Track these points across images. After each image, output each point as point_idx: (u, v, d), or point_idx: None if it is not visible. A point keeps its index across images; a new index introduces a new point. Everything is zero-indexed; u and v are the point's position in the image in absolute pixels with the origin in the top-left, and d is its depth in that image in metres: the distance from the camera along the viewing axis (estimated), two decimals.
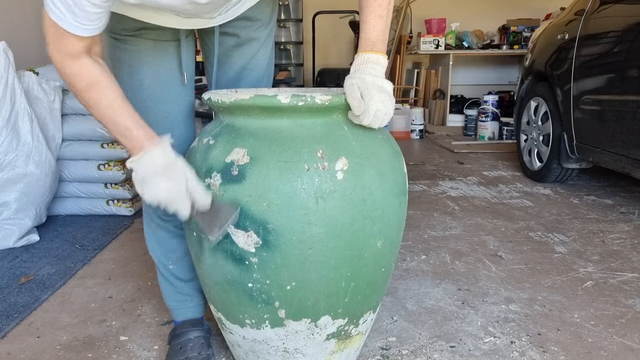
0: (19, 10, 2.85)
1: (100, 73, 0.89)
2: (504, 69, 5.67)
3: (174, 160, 0.91)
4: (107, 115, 0.90)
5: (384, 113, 0.88)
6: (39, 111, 2.19)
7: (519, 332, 1.37)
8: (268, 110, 0.91)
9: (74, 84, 0.88)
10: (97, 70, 0.88)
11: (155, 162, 0.89)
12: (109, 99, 0.89)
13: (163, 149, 0.90)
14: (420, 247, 2.00)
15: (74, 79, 0.88)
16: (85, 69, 0.87)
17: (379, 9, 0.91)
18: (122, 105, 0.90)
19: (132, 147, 0.91)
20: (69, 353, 1.30)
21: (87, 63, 0.87)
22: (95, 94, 0.89)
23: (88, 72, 0.87)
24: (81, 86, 0.88)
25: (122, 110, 0.90)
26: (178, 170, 0.90)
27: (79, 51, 0.85)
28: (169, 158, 0.90)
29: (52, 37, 0.84)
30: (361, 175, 0.91)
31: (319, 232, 0.89)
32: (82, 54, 0.86)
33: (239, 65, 1.16)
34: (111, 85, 0.90)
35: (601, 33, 2.49)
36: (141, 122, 0.92)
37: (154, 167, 0.89)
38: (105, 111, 0.90)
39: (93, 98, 0.89)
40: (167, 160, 0.90)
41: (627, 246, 1.97)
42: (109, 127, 0.92)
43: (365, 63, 0.89)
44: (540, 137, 2.99)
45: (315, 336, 1.01)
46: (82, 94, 0.89)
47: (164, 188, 0.88)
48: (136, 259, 1.91)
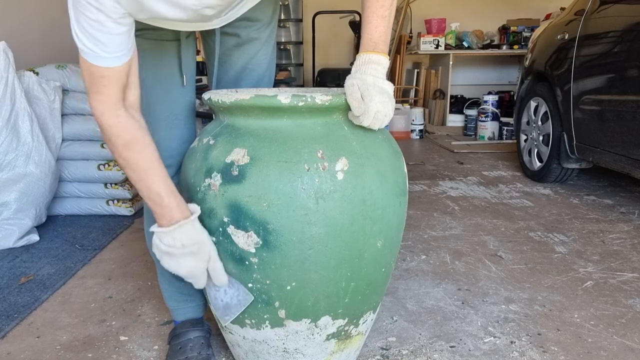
0: (19, 10, 2.85)
1: (138, 130, 0.89)
2: (504, 69, 5.67)
3: (202, 238, 0.92)
4: (143, 178, 0.90)
5: (384, 114, 0.88)
6: (39, 111, 2.19)
7: (519, 332, 1.37)
8: (268, 110, 0.91)
9: (112, 140, 0.88)
10: (135, 127, 0.89)
11: (185, 240, 0.90)
12: (147, 160, 0.90)
13: (193, 224, 0.91)
14: (420, 247, 2.00)
15: (113, 135, 0.87)
16: (123, 124, 0.87)
17: (382, 9, 0.91)
18: (159, 169, 0.91)
19: (162, 216, 0.91)
20: (69, 353, 1.30)
21: (125, 117, 0.87)
22: (135, 154, 0.89)
23: (127, 128, 0.88)
24: (119, 144, 0.88)
25: (158, 174, 0.90)
26: (204, 250, 0.92)
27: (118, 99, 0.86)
28: (197, 236, 0.91)
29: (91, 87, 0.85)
30: (361, 175, 0.91)
31: (319, 233, 0.89)
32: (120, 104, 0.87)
33: (239, 65, 1.16)
34: (149, 144, 0.90)
35: (601, 33, 2.49)
36: (173, 188, 0.92)
37: (182, 243, 0.90)
38: (142, 174, 0.90)
39: (132, 159, 0.89)
40: (196, 237, 0.91)
41: (627, 246, 1.97)
42: (141, 189, 0.91)
43: (366, 63, 0.89)
44: (540, 137, 2.99)
45: (315, 336, 1.01)
46: (120, 153, 0.89)
47: (188, 266, 0.92)
48: (136, 259, 1.91)
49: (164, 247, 0.91)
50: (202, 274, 0.94)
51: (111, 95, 0.85)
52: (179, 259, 0.92)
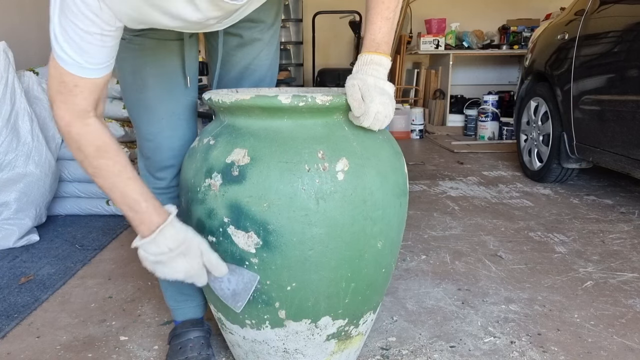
0: (19, 10, 2.85)
1: (109, 136, 0.85)
2: (504, 69, 5.67)
3: (187, 236, 0.89)
4: (117, 184, 0.86)
5: (384, 115, 0.88)
6: (39, 111, 2.19)
7: (519, 332, 1.37)
8: (269, 110, 0.91)
9: (82, 149, 0.83)
10: (106, 133, 0.85)
11: (170, 242, 0.87)
12: (120, 165, 0.86)
13: (173, 225, 0.88)
14: (420, 247, 2.00)
15: (83, 143, 0.83)
16: (94, 131, 0.83)
17: (386, 11, 0.91)
18: (132, 172, 0.87)
19: (140, 223, 0.87)
20: (69, 353, 1.30)
21: (96, 124, 0.83)
22: (107, 160, 0.84)
23: (98, 135, 0.84)
24: (90, 151, 0.84)
25: (132, 180, 0.87)
26: (193, 246, 0.89)
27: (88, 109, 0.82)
28: (181, 234, 0.88)
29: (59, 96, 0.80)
30: (362, 176, 0.91)
31: (319, 233, 0.89)
32: (90, 114, 0.82)
33: (241, 65, 1.16)
34: (120, 151, 0.87)
35: (601, 33, 2.49)
36: (148, 191, 0.89)
37: (168, 248, 0.87)
38: (115, 179, 0.86)
39: (104, 165, 0.85)
40: (180, 237, 0.88)
41: (627, 246, 1.97)
42: (115, 197, 0.87)
43: (367, 64, 0.89)
44: (540, 137, 2.99)
45: (315, 337, 1.01)
46: (91, 161, 0.84)
47: (182, 267, 0.88)
48: (136, 259, 1.89)
49: (152, 257, 0.88)
50: (200, 271, 0.91)
51: (82, 105, 0.81)
52: (171, 264, 0.88)
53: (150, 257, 0.89)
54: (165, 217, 0.88)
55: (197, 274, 0.91)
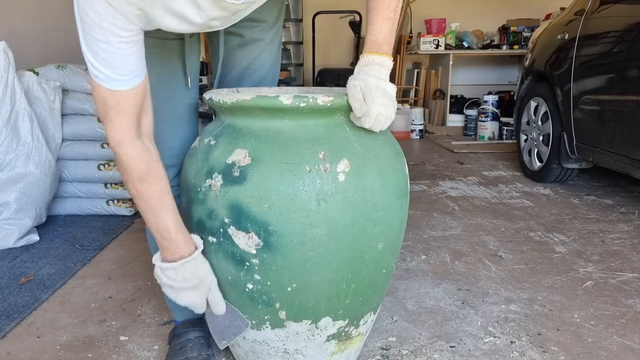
0: (19, 10, 2.85)
1: (153, 161, 0.90)
2: (504, 69, 5.67)
3: (202, 273, 0.95)
4: (154, 210, 0.91)
5: (386, 117, 0.87)
6: (39, 111, 2.18)
7: (519, 332, 1.37)
8: (270, 111, 0.91)
9: (128, 171, 0.88)
10: (150, 159, 0.89)
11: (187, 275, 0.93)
12: (160, 193, 0.90)
13: (196, 260, 0.93)
14: (420, 247, 2.00)
15: (130, 165, 0.87)
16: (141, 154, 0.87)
17: (387, 11, 0.91)
18: (170, 202, 0.92)
19: (166, 248, 0.92)
20: (69, 353, 1.30)
21: (141, 148, 0.87)
22: (149, 186, 0.89)
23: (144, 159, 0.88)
24: (135, 174, 0.88)
25: (168, 208, 0.91)
26: (205, 284, 0.96)
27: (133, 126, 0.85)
28: (199, 272, 0.94)
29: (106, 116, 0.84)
30: (363, 176, 0.91)
31: (320, 234, 0.89)
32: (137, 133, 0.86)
33: (242, 65, 1.16)
34: (163, 177, 0.91)
35: (601, 33, 2.49)
36: (181, 222, 0.93)
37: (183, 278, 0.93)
38: (154, 205, 0.90)
39: (146, 191, 0.89)
40: (197, 273, 0.94)
41: (627, 246, 1.97)
42: (149, 221, 0.92)
43: (369, 65, 0.89)
44: (540, 137, 2.99)
45: (315, 337, 1.01)
46: (134, 184, 0.89)
47: (188, 298, 0.95)
48: (136, 259, 1.91)
49: (166, 279, 0.94)
50: (202, 303, 0.98)
51: (127, 122, 0.85)
52: (179, 291, 0.95)
53: (164, 279, 0.94)
54: (190, 251, 0.93)
55: (198, 306, 0.98)
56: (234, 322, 1.00)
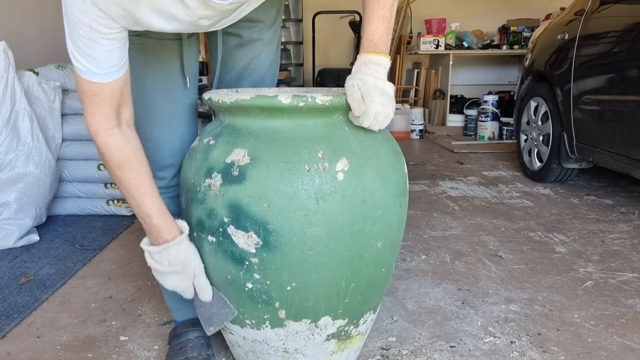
0: (19, 10, 2.85)
1: (131, 149, 0.91)
2: (504, 69, 5.67)
3: (187, 257, 0.97)
4: (134, 196, 0.93)
5: (384, 116, 0.88)
6: (39, 111, 2.18)
7: (519, 332, 1.37)
8: (269, 110, 0.91)
9: (106, 158, 0.90)
10: (128, 146, 0.91)
11: (171, 259, 0.96)
12: (138, 179, 0.93)
13: (179, 245, 0.96)
14: (420, 247, 2.00)
15: (107, 153, 0.90)
16: (117, 143, 0.89)
17: (382, 10, 0.91)
18: (149, 188, 0.94)
19: (150, 232, 0.96)
20: (69, 353, 1.30)
21: (119, 137, 0.89)
22: (127, 172, 0.91)
23: (120, 147, 0.90)
24: (113, 162, 0.90)
25: (147, 194, 0.94)
26: (188, 270, 0.98)
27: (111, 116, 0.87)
28: (183, 256, 0.96)
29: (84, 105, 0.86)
30: (362, 176, 0.91)
31: (319, 233, 0.89)
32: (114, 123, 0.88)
33: (241, 65, 1.16)
34: (141, 164, 0.93)
35: (601, 33, 2.49)
36: (163, 208, 0.96)
37: (168, 262, 0.96)
38: (133, 192, 0.93)
39: (124, 177, 0.92)
40: (181, 257, 0.96)
41: (627, 246, 1.97)
42: (133, 207, 0.95)
43: (366, 64, 0.89)
44: (540, 137, 2.99)
45: (315, 337, 1.01)
46: (113, 171, 0.91)
47: (171, 282, 0.99)
48: (136, 259, 1.91)
49: (152, 262, 0.97)
50: (188, 288, 1.00)
51: (105, 113, 0.87)
52: (164, 275, 0.98)
53: (151, 261, 0.98)
54: (174, 235, 0.96)
55: (184, 291, 1.01)
56: (221, 309, 1.01)
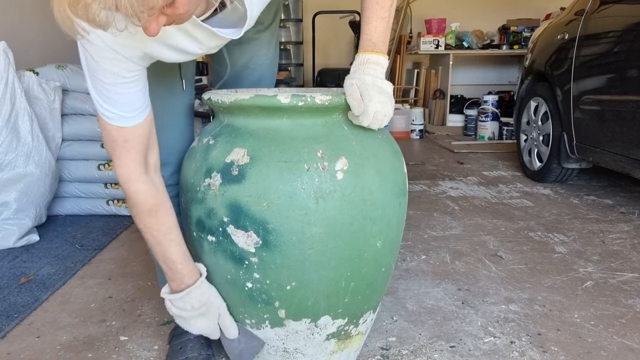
0: (19, 10, 2.85)
1: (161, 196, 0.93)
2: (504, 69, 5.67)
3: (209, 298, 0.99)
4: (161, 243, 0.95)
5: (383, 114, 0.88)
6: (39, 111, 2.18)
7: (519, 332, 1.37)
8: (268, 110, 0.91)
9: (136, 206, 0.92)
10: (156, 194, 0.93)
11: (194, 303, 0.97)
12: (166, 227, 0.94)
13: (201, 287, 0.97)
14: (420, 247, 1.99)
15: (138, 201, 0.91)
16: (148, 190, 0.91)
17: (381, 10, 0.91)
18: (177, 235, 0.96)
19: (173, 279, 0.97)
20: (69, 353, 1.30)
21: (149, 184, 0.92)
22: (157, 220, 0.93)
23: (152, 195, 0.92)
24: (143, 210, 0.92)
25: (175, 241, 0.95)
26: (212, 310, 0.99)
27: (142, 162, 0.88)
28: (205, 298, 0.98)
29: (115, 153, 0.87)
30: (361, 175, 0.91)
31: (319, 232, 0.89)
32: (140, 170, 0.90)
33: (239, 64, 1.16)
34: (170, 212, 0.95)
35: (601, 33, 2.49)
36: (187, 253, 0.97)
37: (192, 306, 0.97)
38: (161, 238, 0.94)
39: (155, 225, 0.93)
40: (204, 299, 0.98)
41: (627, 246, 1.97)
42: (156, 253, 0.96)
43: (365, 63, 0.90)
44: (540, 137, 2.99)
45: (315, 336, 1.01)
46: (142, 218, 0.93)
47: (200, 326, 1.00)
48: (136, 259, 1.91)
49: (176, 310, 0.98)
50: (215, 330, 1.02)
51: (136, 159, 0.88)
52: (189, 320, 0.99)
53: (174, 310, 0.99)
54: (195, 278, 0.97)
55: (211, 333, 1.02)
56: (250, 342, 1.02)
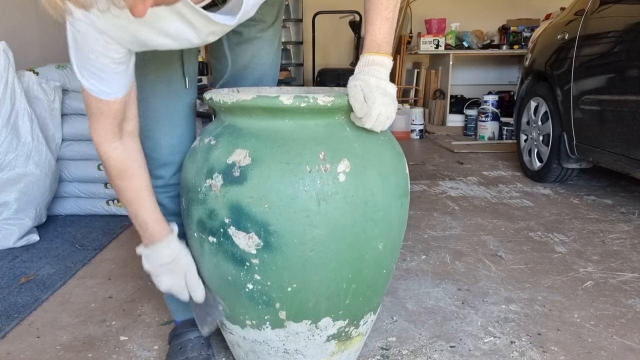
0: (19, 11, 2.84)
1: (131, 161, 0.95)
2: (504, 69, 5.67)
3: (178, 257, 1.00)
4: (132, 205, 0.98)
5: (386, 117, 0.88)
6: (39, 111, 2.18)
7: (519, 332, 1.37)
8: (270, 110, 0.91)
9: (107, 168, 0.95)
10: (128, 158, 0.95)
11: (161, 259, 0.99)
12: (135, 190, 0.97)
13: (168, 244, 0.99)
14: (420, 247, 2.00)
15: (109, 165, 0.94)
16: (118, 155, 0.93)
17: (385, 11, 0.91)
18: (147, 198, 0.98)
19: (144, 237, 1.00)
20: (69, 353, 1.30)
21: (120, 149, 0.93)
22: (124, 183, 0.95)
23: (120, 159, 0.94)
24: (114, 173, 0.95)
25: (145, 204, 0.98)
26: (180, 268, 1.00)
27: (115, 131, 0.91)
28: (173, 254, 1.00)
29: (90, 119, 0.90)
30: (363, 177, 0.91)
31: (320, 234, 0.89)
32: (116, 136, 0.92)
33: (241, 63, 1.16)
34: (141, 175, 0.97)
35: (601, 33, 2.49)
36: (158, 217, 0.99)
37: (159, 262, 0.99)
38: (132, 201, 0.97)
39: (122, 187, 0.96)
40: (172, 256, 1.00)
41: (627, 246, 1.97)
42: (129, 213, 1.00)
43: (369, 65, 0.89)
44: (540, 137, 2.99)
45: (315, 337, 1.01)
46: (113, 180, 0.96)
47: (165, 282, 1.01)
48: (136, 259, 1.90)
49: (147, 265, 1.01)
50: (182, 289, 1.02)
51: (107, 127, 0.90)
52: (159, 277, 1.01)
53: (146, 265, 1.02)
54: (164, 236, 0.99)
55: (178, 291, 1.02)
56: (214, 308, 1.03)
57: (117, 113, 0.89)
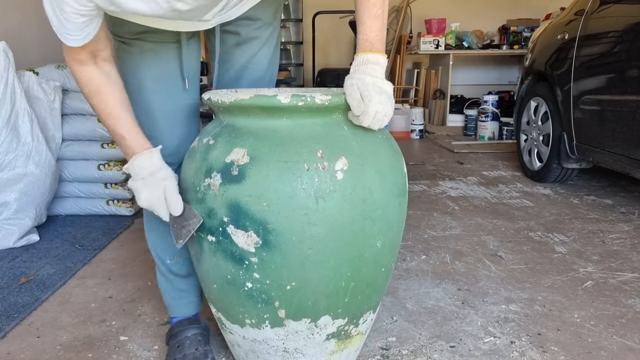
0: (19, 10, 2.85)
1: (102, 80, 0.96)
2: (504, 69, 5.67)
3: (157, 170, 0.99)
4: (107, 122, 0.99)
5: (384, 114, 0.88)
6: (39, 111, 2.18)
7: (519, 332, 1.37)
8: (268, 110, 0.91)
9: (82, 89, 0.97)
10: (100, 78, 0.96)
11: (140, 171, 0.99)
12: (109, 107, 0.97)
13: (149, 157, 0.99)
14: (420, 247, 2.00)
15: (81, 85, 0.96)
16: (89, 76, 0.95)
17: (374, 8, 0.91)
18: (121, 114, 0.98)
19: (125, 153, 1.01)
20: (69, 353, 1.30)
21: (91, 70, 0.95)
22: (98, 101, 0.97)
23: (92, 79, 0.95)
24: (87, 92, 0.97)
25: (120, 119, 0.98)
26: (158, 182, 0.99)
27: (84, 57, 0.93)
28: (153, 167, 0.99)
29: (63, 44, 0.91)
30: (361, 175, 0.91)
31: (319, 232, 0.89)
32: (87, 61, 0.93)
33: (239, 64, 1.16)
34: (113, 92, 0.98)
35: (601, 33, 2.49)
36: (137, 131, 1.00)
37: (139, 176, 0.99)
38: (106, 118, 0.98)
39: (96, 105, 0.97)
40: (151, 169, 0.99)
41: (627, 246, 1.97)
42: (109, 132, 1.01)
43: (364, 63, 0.89)
44: (540, 137, 2.99)
45: (315, 336, 1.01)
46: (88, 100, 0.98)
47: (145, 197, 0.99)
48: (136, 259, 1.91)
49: (130, 182, 1.01)
50: (161, 204, 0.99)
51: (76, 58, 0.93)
52: (138, 191, 0.99)
53: (130, 183, 1.02)
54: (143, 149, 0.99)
55: (156, 206, 0.99)
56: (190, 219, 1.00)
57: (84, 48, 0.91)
